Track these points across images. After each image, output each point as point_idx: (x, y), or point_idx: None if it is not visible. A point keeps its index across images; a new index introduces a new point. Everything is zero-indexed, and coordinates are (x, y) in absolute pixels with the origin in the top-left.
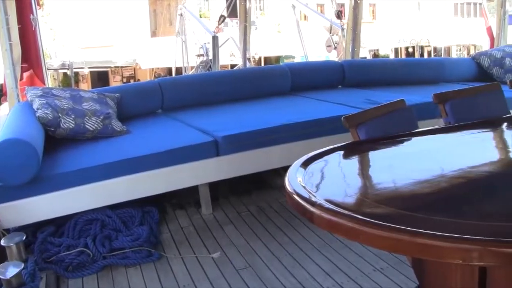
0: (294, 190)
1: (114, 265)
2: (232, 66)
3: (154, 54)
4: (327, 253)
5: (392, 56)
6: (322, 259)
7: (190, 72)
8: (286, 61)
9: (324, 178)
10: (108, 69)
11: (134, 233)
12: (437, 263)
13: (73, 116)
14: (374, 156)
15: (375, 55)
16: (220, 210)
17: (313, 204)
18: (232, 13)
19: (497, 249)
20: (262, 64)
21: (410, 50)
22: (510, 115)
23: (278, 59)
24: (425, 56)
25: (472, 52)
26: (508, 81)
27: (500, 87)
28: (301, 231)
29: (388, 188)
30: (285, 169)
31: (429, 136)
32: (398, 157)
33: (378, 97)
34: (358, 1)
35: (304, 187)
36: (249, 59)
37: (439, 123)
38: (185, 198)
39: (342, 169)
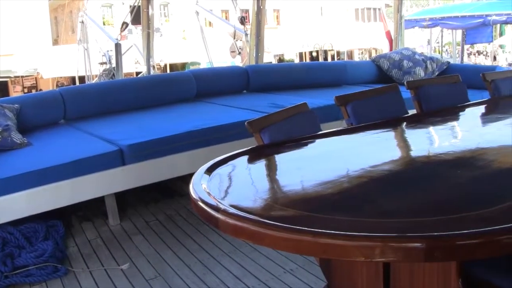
0: (199, 197)
1: (18, 284)
2: (137, 73)
3: (56, 63)
4: (237, 257)
5: (297, 61)
6: (232, 264)
7: (94, 81)
8: (192, 67)
9: (230, 183)
10: (7, 79)
11: (38, 249)
12: (343, 262)
13: None
14: (279, 159)
15: (280, 60)
16: (128, 220)
17: (217, 210)
18: (136, 20)
19: (397, 245)
20: (168, 71)
21: (314, 54)
22: (408, 114)
23: (184, 65)
24: (329, 60)
25: (373, 55)
26: (405, 82)
27: (398, 88)
28: (211, 237)
29: (293, 191)
30: (192, 176)
31: (332, 137)
32: (302, 159)
33: (283, 101)
34: (261, 7)
35: (209, 193)
36: (153, 66)
37: (342, 124)
38: (91, 209)
39: (247, 173)
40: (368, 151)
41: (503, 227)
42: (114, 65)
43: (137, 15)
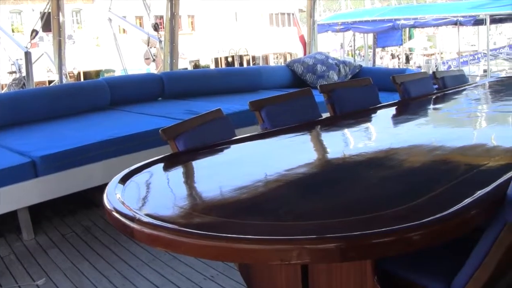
0: (113, 207)
1: None
2: (50, 82)
3: None
4: (156, 267)
5: (212, 66)
6: (152, 273)
7: (3, 91)
8: (106, 75)
9: (145, 192)
10: None
11: None
12: (262, 266)
13: None
14: (195, 166)
15: (196, 66)
16: (43, 234)
17: (132, 219)
18: (46, 27)
19: (313, 246)
20: (82, 79)
21: (230, 59)
22: (322, 118)
23: (98, 73)
24: (245, 65)
25: (288, 59)
26: (318, 86)
27: (311, 92)
28: (129, 247)
29: (209, 197)
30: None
31: (247, 142)
32: (218, 165)
33: (198, 107)
34: (175, 13)
35: (123, 203)
36: (66, 74)
37: (257, 129)
38: (3, 225)
39: (163, 181)
40: (283, 155)
41: (413, 224)
42: (24, 74)
43: (48, 22)
